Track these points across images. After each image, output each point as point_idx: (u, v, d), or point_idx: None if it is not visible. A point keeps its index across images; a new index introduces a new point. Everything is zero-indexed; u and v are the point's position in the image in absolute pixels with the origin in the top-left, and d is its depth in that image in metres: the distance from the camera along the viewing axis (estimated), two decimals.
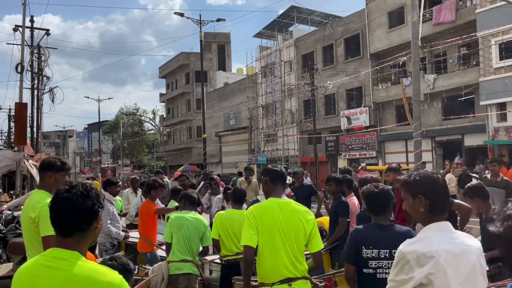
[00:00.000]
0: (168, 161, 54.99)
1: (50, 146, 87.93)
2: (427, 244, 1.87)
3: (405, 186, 2.08)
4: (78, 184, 1.69)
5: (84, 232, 1.61)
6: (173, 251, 4.22)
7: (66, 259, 1.55)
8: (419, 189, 2.00)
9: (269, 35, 38.02)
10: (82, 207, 1.60)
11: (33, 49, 20.90)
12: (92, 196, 1.64)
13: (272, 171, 3.14)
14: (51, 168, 3.11)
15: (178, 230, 4.24)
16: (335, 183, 5.15)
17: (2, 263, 6.80)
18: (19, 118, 12.56)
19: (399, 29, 24.05)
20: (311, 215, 3.03)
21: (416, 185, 2.02)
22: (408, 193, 2.04)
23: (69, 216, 1.59)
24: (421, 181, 2.02)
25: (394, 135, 24.88)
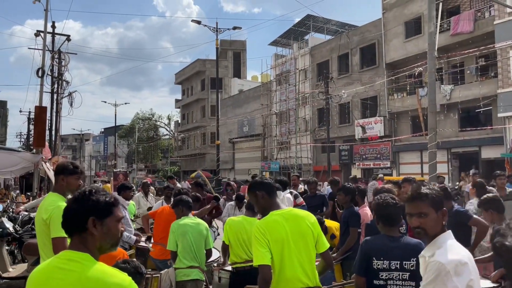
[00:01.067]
0: (182, 166, 55.33)
1: (68, 149, 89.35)
2: (457, 252, 1.92)
3: (428, 201, 2.06)
4: (83, 189, 1.76)
5: (81, 234, 1.66)
6: (179, 259, 4.24)
7: (78, 261, 1.60)
8: (442, 203, 2.07)
9: (284, 43, 38.17)
10: (71, 210, 1.70)
11: (54, 54, 21.38)
12: (84, 201, 1.69)
13: (267, 185, 3.04)
14: (63, 171, 3.21)
15: (182, 237, 4.26)
16: (344, 193, 5.13)
17: (17, 263, 6.96)
18: (38, 122, 12.83)
19: (416, 39, 23.91)
20: (314, 217, 3.03)
21: (439, 199, 2.07)
22: (432, 207, 2.05)
23: (64, 217, 1.71)
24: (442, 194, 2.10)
25: (409, 146, 24.63)
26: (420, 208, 2.06)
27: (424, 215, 2.05)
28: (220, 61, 36.14)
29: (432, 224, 2.03)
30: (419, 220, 2.06)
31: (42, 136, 12.61)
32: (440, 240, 2.01)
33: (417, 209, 2.07)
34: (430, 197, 2.06)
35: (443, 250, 1.93)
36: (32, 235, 6.81)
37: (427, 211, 2.04)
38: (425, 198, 2.07)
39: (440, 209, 2.06)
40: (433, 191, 2.10)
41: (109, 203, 1.73)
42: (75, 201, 1.71)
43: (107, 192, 1.79)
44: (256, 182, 3.14)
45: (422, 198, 2.08)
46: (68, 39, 22.19)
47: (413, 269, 2.83)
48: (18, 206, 10.09)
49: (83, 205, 1.69)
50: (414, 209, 2.10)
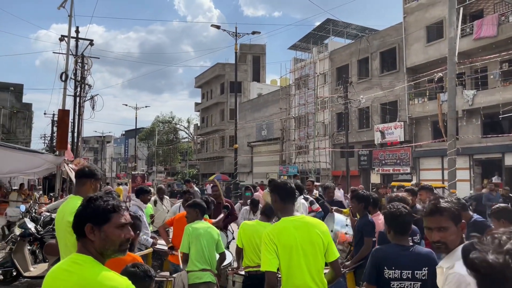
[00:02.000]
0: (201, 169, 55.75)
1: (89, 151, 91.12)
2: None
3: (448, 215, 2.06)
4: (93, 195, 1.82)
5: (82, 238, 1.74)
6: (191, 261, 4.32)
7: (79, 264, 1.68)
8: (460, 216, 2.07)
9: (304, 48, 38.14)
10: (76, 217, 1.77)
11: (77, 59, 21.91)
12: (85, 208, 1.77)
13: (281, 189, 2.97)
14: (93, 176, 3.34)
15: (196, 240, 4.34)
16: (357, 200, 5.08)
17: (39, 263, 7.16)
18: (61, 125, 13.18)
19: (438, 44, 23.55)
20: (324, 226, 3.03)
21: (458, 212, 2.07)
22: (452, 220, 2.04)
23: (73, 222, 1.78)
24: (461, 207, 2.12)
25: (430, 151, 24.23)
26: (440, 223, 2.05)
27: (444, 229, 2.03)
28: (239, 65, 36.39)
29: (452, 238, 2.02)
30: (439, 234, 2.04)
31: (65, 139, 12.94)
32: (459, 251, 1.96)
33: (437, 223, 2.05)
34: (449, 210, 2.05)
35: (455, 267, 1.89)
36: (53, 236, 7.00)
37: (447, 225, 2.03)
38: (445, 212, 2.05)
39: (459, 222, 2.05)
40: (452, 204, 2.08)
41: (107, 210, 1.74)
42: (80, 207, 1.78)
43: (111, 198, 1.81)
44: (273, 183, 3.11)
45: (441, 212, 2.05)
46: (91, 43, 22.73)
47: (425, 278, 2.81)
48: (41, 206, 10.38)
49: (82, 211, 1.76)
50: (433, 223, 2.07)
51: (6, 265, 6.17)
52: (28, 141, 38.72)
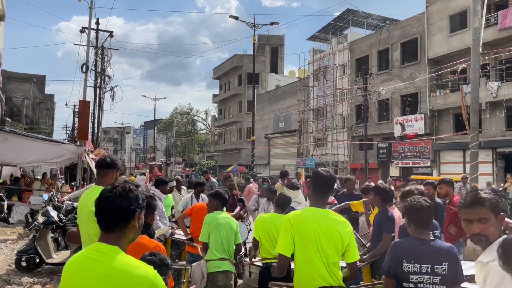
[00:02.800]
0: (218, 160, 56.08)
1: (109, 141, 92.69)
2: None
3: (488, 206, 2.00)
4: (119, 184, 1.84)
5: (122, 229, 1.76)
6: (210, 250, 4.37)
7: (106, 253, 1.70)
8: (500, 207, 2.02)
9: (323, 38, 37.72)
10: (119, 207, 1.75)
11: (97, 50, 22.19)
12: (130, 197, 1.78)
13: (317, 177, 2.99)
14: (114, 166, 3.40)
15: (215, 230, 4.38)
16: (374, 193, 4.99)
17: (61, 250, 7.34)
18: (82, 115, 13.43)
19: (461, 34, 22.96)
20: (349, 226, 2.99)
21: (498, 203, 2.02)
22: (492, 212, 2.00)
23: (108, 214, 1.76)
24: (498, 199, 2.05)
25: (451, 145, 23.76)
26: (480, 214, 1.99)
27: (484, 221, 1.98)
28: (257, 56, 36.23)
29: (492, 230, 1.98)
30: (480, 226, 1.98)
31: (85, 129, 13.18)
32: (495, 246, 1.92)
33: (478, 215, 2.00)
34: (490, 201, 2.00)
35: (496, 260, 1.84)
36: (74, 224, 7.16)
37: (488, 216, 1.98)
38: (486, 202, 2.00)
39: (499, 213, 2.01)
40: (491, 195, 2.04)
41: (143, 197, 1.86)
42: (123, 197, 1.77)
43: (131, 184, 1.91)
44: (314, 171, 3.17)
45: (482, 203, 2.00)
46: (111, 35, 22.98)
47: (445, 273, 2.77)
48: (63, 195, 10.63)
49: (132, 200, 1.78)
50: (474, 215, 2.01)
51: (30, 252, 6.34)
52: (51, 131, 39.55)
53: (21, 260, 6.38)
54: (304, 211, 3.07)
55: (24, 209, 11.31)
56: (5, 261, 6.57)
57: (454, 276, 2.76)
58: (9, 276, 5.88)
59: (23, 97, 33.02)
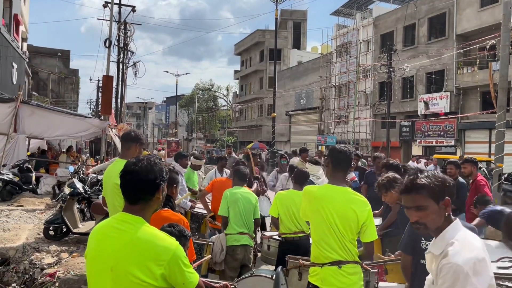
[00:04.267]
0: (239, 137, 56.32)
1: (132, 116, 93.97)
2: (472, 246, 1.72)
3: (426, 192, 1.80)
4: (144, 157, 1.88)
5: (147, 201, 1.82)
6: (230, 225, 4.46)
7: (131, 223, 1.77)
8: (443, 191, 1.81)
9: (347, 13, 36.80)
10: (145, 180, 1.80)
11: (120, 25, 22.28)
12: (155, 170, 1.83)
13: (335, 154, 2.97)
14: (139, 140, 3.51)
15: (234, 204, 4.46)
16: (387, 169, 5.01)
17: (86, 220, 7.61)
18: (105, 90, 13.64)
19: (492, 8, 22.00)
20: (367, 206, 2.95)
21: (440, 188, 1.81)
22: (431, 198, 1.79)
23: (134, 187, 1.80)
24: (441, 182, 1.82)
25: (476, 124, 23.15)
26: (417, 201, 1.81)
27: (422, 208, 1.80)
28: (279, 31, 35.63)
29: (432, 218, 1.79)
30: (417, 214, 1.81)
31: (109, 104, 13.39)
32: (450, 233, 1.78)
33: (414, 202, 1.82)
34: (428, 187, 1.79)
35: (457, 247, 1.70)
36: (99, 196, 7.40)
37: (426, 204, 1.79)
38: (422, 189, 1.80)
39: (442, 199, 1.79)
40: (432, 179, 1.82)
41: (164, 169, 1.91)
42: (148, 170, 1.81)
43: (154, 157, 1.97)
44: (331, 148, 3.14)
45: (418, 190, 1.81)
46: (133, 10, 22.96)
47: None
48: (88, 168, 10.93)
49: (157, 173, 1.84)
50: (410, 202, 1.84)
51: (57, 221, 6.58)
52: (76, 106, 40.34)
53: (49, 229, 6.64)
54: (319, 188, 3.10)
55: (51, 180, 11.68)
56: (34, 230, 6.85)
57: None
58: (37, 244, 6.14)
59: (49, 72, 33.63)
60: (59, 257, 5.76)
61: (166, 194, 1.94)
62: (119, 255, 1.72)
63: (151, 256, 1.70)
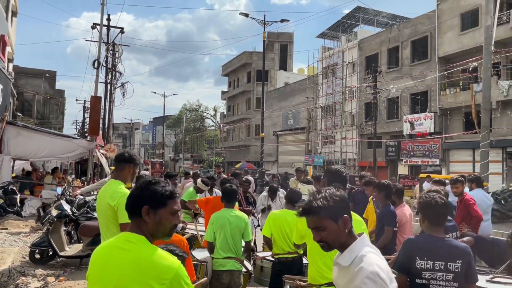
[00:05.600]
0: (226, 157, 56.18)
1: (118, 137, 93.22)
2: (382, 258, 1.84)
3: (323, 213, 1.86)
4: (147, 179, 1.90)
5: (136, 220, 1.82)
6: (216, 250, 4.37)
7: (134, 242, 1.77)
8: (341, 210, 1.89)
9: (332, 36, 37.56)
10: (133, 197, 1.85)
11: (109, 46, 22.33)
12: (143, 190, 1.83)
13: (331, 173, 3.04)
14: (132, 161, 3.48)
15: (220, 229, 4.36)
16: (378, 189, 5.01)
17: (73, 243, 7.45)
18: (93, 111, 13.55)
19: (472, 32, 22.75)
20: (362, 225, 3.00)
21: (336, 207, 1.88)
22: (329, 218, 1.86)
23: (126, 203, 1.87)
24: (338, 201, 1.90)
25: (460, 143, 23.59)
26: (316, 223, 1.88)
27: (322, 229, 1.87)
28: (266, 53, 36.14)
29: (333, 236, 1.87)
30: (319, 234, 1.88)
31: (97, 125, 13.29)
32: (358, 246, 1.87)
33: (314, 224, 1.89)
34: (324, 208, 1.86)
35: (370, 258, 1.79)
36: (87, 218, 7.27)
37: (324, 224, 1.86)
38: (319, 210, 1.86)
39: (341, 216, 1.87)
40: (328, 200, 1.88)
41: (165, 195, 1.83)
42: (137, 189, 1.86)
43: (167, 185, 1.90)
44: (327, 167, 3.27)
45: (315, 212, 1.87)
46: (122, 31, 23.07)
47: (458, 271, 2.78)
48: (75, 190, 10.76)
49: (142, 193, 1.83)
50: (310, 223, 1.91)
51: (43, 244, 6.44)
52: (61, 126, 39.88)
53: (35, 253, 6.48)
54: None
55: (36, 202, 11.46)
56: (19, 253, 6.68)
57: (467, 275, 2.77)
58: (23, 268, 5.98)
59: (34, 92, 33.33)
60: (45, 281, 5.62)
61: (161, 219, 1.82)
62: (122, 274, 1.71)
63: (154, 275, 1.69)
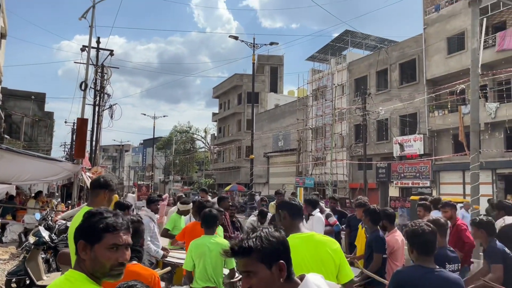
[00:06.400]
0: (217, 179, 55.80)
1: (108, 159, 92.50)
2: None
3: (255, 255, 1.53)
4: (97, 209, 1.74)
5: (78, 256, 1.65)
6: (195, 279, 4.17)
7: (71, 281, 1.59)
8: (276, 254, 1.57)
9: (322, 59, 38.06)
10: (74, 230, 1.70)
11: (97, 69, 22.27)
12: (80, 224, 1.67)
13: (290, 205, 2.99)
14: (108, 186, 3.28)
15: (199, 259, 4.16)
16: (364, 214, 4.88)
17: (52, 271, 7.13)
18: (80, 133, 13.32)
19: (459, 55, 23.15)
20: (337, 244, 2.86)
21: (272, 249, 1.56)
22: (262, 262, 1.53)
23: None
24: (273, 243, 1.57)
25: (450, 165, 23.66)
26: (246, 266, 1.55)
27: (252, 274, 1.54)
28: (257, 75, 36.45)
29: (264, 285, 1.53)
30: (248, 281, 1.55)
31: (83, 147, 13.05)
32: None
33: (243, 267, 1.56)
34: (256, 250, 1.53)
35: None
36: (67, 245, 6.96)
37: (255, 269, 1.53)
38: (250, 252, 1.54)
39: (275, 262, 1.55)
40: (262, 240, 1.56)
41: (100, 229, 1.60)
42: (80, 221, 1.69)
43: (111, 215, 1.67)
44: (282, 202, 3.11)
45: (244, 253, 1.54)
46: (111, 53, 23.08)
47: None
48: (57, 214, 10.44)
49: (80, 226, 1.67)
50: (240, 266, 1.58)
51: (20, 273, 6.15)
52: (49, 148, 39.34)
53: (11, 282, 6.19)
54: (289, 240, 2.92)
55: (18, 228, 11.10)
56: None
57: None
58: None
59: (22, 115, 32.98)
60: None
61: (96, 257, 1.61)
62: None
63: None
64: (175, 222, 6.22)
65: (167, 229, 6.07)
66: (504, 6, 20.26)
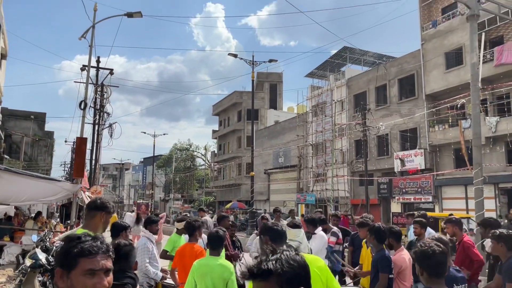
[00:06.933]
0: (218, 196, 55.47)
1: (108, 178, 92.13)
2: None
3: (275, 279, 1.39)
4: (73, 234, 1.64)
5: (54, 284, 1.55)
6: None
7: None
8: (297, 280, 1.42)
9: (321, 75, 38.25)
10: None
11: (97, 88, 22.32)
12: (59, 250, 1.56)
13: (272, 230, 3.09)
14: (105, 208, 3.20)
15: (201, 279, 4.02)
16: (369, 232, 4.74)
17: None
18: (79, 152, 13.21)
19: (457, 70, 23.24)
20: (322, 262, 2.90)
21: (293, 274, 1.41)
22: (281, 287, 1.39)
23: None
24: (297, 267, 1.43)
25: (452, 180, 23.49)
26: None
27: None
28: (256, 92, 36.57)
29: None
30: None
31: (81, 167, 12.93)
32: None
33: None
34: (276, 273, 1.39)
35: None
36: None
37: None
38: (267, 275, 1.39)
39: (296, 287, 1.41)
40: (283, 263, 1.42)
41: (74, 254, 1.48)
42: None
43: (89, 239, 1.54)
44: (265, 226, 3.24)
45: (264, 276, 1.39)
46: (111, 73, 23.16)
47: None
48: (55, 235, 10.26)
49: (56, 254, 1.58)
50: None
51: None
52: (49, 168, 39.22)
53: None
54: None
55: (15, 249, 10.91)
56: None
57: None
58: None
59: (22, 134, 32.97)
60: None
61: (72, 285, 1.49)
62: None
63: None
64: (174, 243, 6.05)
65: (166, 250, 5.91)
66: (501, 21, 20.44)
